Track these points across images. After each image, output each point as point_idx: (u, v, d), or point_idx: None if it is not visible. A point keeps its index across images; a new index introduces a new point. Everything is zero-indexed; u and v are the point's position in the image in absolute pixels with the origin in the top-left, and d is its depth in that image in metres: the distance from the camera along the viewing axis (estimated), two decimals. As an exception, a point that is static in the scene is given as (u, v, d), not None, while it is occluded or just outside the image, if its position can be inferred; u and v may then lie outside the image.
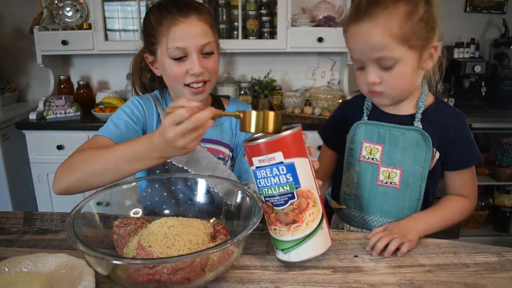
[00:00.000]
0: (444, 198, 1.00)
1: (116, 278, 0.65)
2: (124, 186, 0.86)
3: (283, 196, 0.73)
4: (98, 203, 0.80)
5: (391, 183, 0.96)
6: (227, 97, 1.23)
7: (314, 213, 0.74)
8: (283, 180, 0.73)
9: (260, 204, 0.74)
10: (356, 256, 0.81)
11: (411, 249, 0.83)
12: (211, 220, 0.86)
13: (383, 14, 0.83)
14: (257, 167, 0.74)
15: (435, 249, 0.83)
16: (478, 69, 2.39)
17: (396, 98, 0.94)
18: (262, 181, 0.74)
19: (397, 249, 0.82)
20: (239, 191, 0.83)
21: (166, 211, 0.96)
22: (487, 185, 2.59)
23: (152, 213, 0.96)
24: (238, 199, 0.84)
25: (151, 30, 1.02)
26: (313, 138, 2.21)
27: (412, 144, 0.93)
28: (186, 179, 0.95)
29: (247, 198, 0.79)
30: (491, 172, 2.52)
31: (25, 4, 2.54)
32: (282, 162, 0.72)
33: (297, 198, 0.73)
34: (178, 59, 0.99)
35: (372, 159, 0.97)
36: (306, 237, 0.74)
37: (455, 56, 2.49)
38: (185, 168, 1.05)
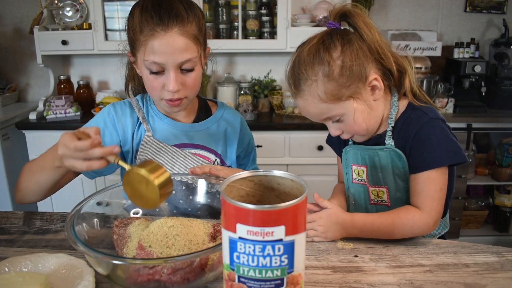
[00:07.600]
0: (401, 207, 0.90)
1: (116, 278, 0.65)
2: (124, 186, 0.86)
3: (268, 283, 0.52)
4: (98, 203, 0.80)
5: (381, 201, 0.98)
6: (216, 102, 1.19)
7: None
8: (275, 263, 0.51)
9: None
10: (356, 256, 0.81)
11: (322, 241, 0.86)
12: (211, 220, 0.86)
13: (307, 87, 0.86)
14: (240, 238, 0.50)
15: (435, 249, 0.83)
16: (478, 69, 2.38)
17: (369, 134, 0.93)
18: (242, 257, 0.51)
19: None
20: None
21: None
22: (487, 185, 2.59)
23: (152, 214, 0.96)
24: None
25: (131, 34, 0.95)
26: (312, 138, 2.22)
27: (387, 162, 0.93)
28: (186, 181, 0.95)
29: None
30: (491, 172, 2.52)
31: (25, 4, 2.54)
32: (281, 240, 0.50)
33: (286, 286, 0.52)
34: (155, 73, 0.94)
35: (361, 180, 0.99)
36: None
37: (455, 56, 2.48)
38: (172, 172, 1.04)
